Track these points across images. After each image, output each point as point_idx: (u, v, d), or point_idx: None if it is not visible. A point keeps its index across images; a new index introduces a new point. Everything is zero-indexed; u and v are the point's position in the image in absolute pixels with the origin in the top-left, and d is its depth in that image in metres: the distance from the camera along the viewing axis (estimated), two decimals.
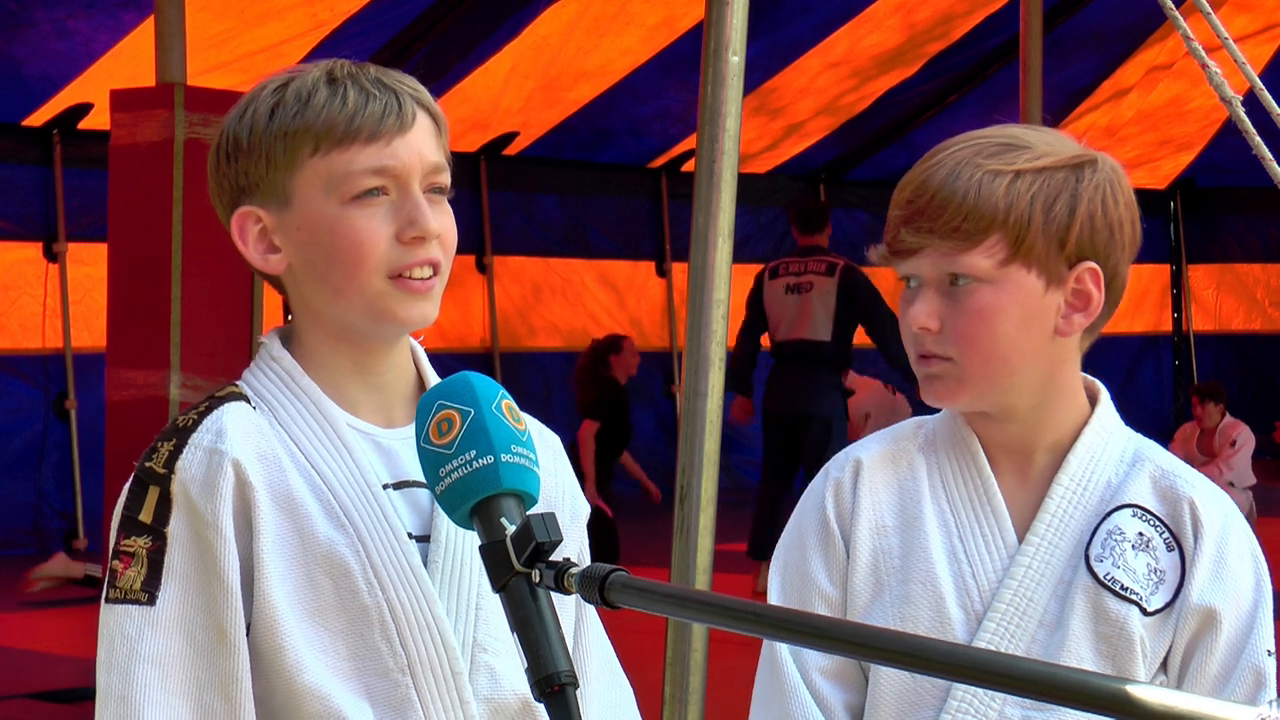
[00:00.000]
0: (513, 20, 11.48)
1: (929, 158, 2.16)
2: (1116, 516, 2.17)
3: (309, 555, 1.95)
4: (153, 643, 1.92)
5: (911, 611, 2.17)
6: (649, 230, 14.41)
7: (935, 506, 2.21)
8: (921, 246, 2.13)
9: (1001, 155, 2.12)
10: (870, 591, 2.21)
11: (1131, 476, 2.19)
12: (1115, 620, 2.13)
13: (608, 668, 2.17)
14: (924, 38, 13.09)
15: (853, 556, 2.22)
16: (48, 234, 11.40)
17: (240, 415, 1.98)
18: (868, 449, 2.27)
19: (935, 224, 2.11)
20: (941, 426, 2.26)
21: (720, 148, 3.46)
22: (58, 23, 10.16)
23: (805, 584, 2.24)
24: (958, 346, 2.13)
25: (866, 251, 2.27)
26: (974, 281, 2.11)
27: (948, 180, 2.11)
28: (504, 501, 1.66)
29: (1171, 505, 2.18)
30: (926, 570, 2.18)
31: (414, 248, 1.97)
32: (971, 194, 2.10)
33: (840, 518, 2.24)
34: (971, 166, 2.11)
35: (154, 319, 6.26)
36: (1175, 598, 2.16)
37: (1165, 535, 2.17)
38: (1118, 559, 2.15)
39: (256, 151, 1.99)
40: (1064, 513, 2.17)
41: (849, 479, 2.25)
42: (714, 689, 3.58)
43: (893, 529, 2.22)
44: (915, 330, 2.14)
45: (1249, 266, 17.24)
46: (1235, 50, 3.41)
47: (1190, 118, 14.89)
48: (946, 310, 2.13)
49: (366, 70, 2.01)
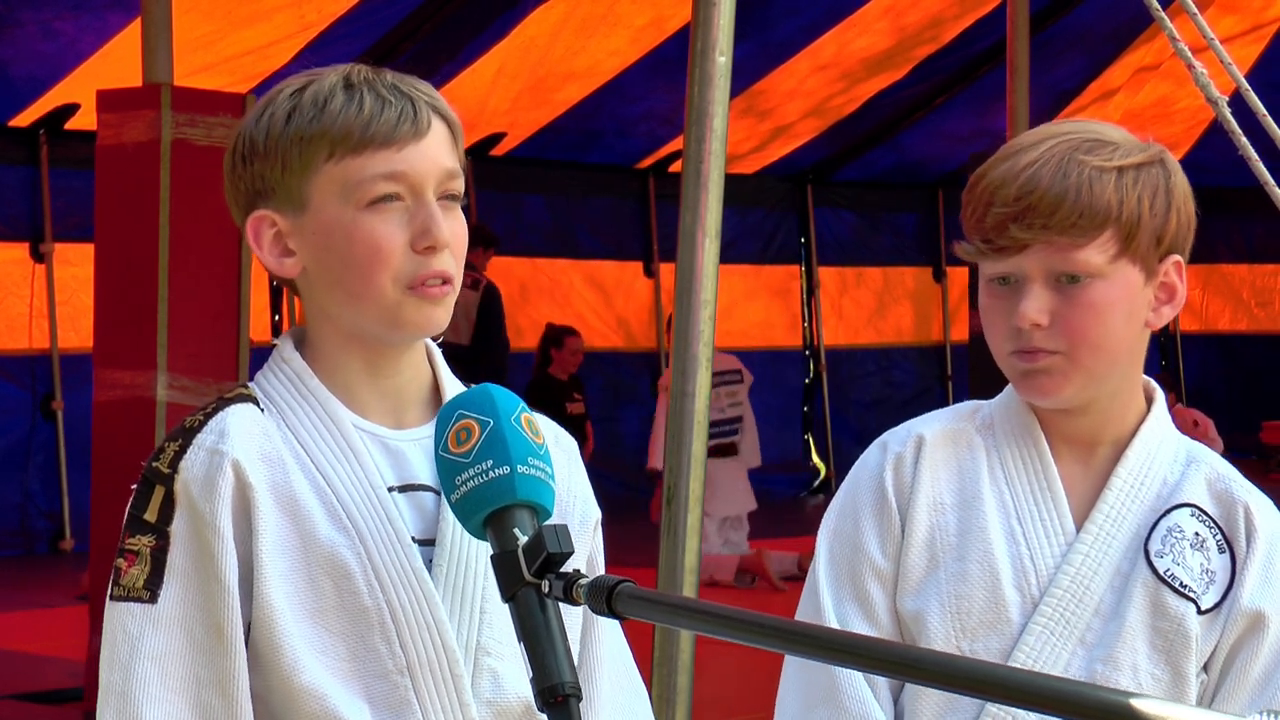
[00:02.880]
0: (500, 21, 11.48)
1: (1019, 154, 2.17)
2: (1176, 514, 2.20)
3: (310, 556, 1.97)
4: (154, 640, 1.95)
5: (967, 589, 2.18)
6: (636, 231, 14.41)
7: (994, 488, 2.23)
8: (1031, 242, 2.14)
9: (1097, 151, 2.16)
10: (924, 568, 2.22)
11: (1188, 476, 2.23)
12: (1174, 616, 2.16)
13: (623, 675, 2.17)
14: (913, 41, 13.10)
15: (908, 531, 2.23)
16: (34, 234, 11.39)
17: (245, 417, 2.00)
18: (929, 425, 2.28)
19: (1050, 220, 2.13)
20: (1002, 411, 2.27)
21: (707, 148, 3.46)
22: (44, 24, 10.15)
23: (857, 554, 2.24)
24: (1070, 341, 2.15)
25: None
26: (1088, 277, 2.14)
27: (1058, 176, 2.13)
28: (518, 512, 1.67)
29: (1226, 508, 2.22)
30: (984, 550, 2.19)
31: (427, 258, 1.98)
32: (1084, 190, 2.13)
33: (899, 491, 2.24)
34: (1076, 163, 2.14)
35: (141, 319, 6.25)
36: (1224, 599, 2.19)
37: (1219, 537, 2.21)
38: (1178, 556, 2.18)
39: (272, 155, 2.01)
40: (1122, 505, 2.20)
41: (910, 454, 2.26)
42: (701, 689, 3.58)
43: (950, 507, 2.23)
44: (1024, 326, 2.15)
45: (1235, 267, 17.27)
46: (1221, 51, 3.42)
47: (1177, 118, 14.91)
48: (1057, 305, 2.15)
49: (383, 76, 2.03)
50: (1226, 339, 17.40)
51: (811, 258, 15.32)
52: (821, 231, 15.40)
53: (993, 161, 2.20)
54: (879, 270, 15.79)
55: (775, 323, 15.06)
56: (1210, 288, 17.44)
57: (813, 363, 15.41)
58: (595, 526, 2.15)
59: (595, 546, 2.16)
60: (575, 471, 2.15)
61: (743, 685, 5.74)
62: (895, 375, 15.91)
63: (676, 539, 3.45)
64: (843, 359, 15.53)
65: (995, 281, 2.18)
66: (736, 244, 13.83)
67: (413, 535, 2.00)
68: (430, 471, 2.02)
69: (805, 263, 15.37)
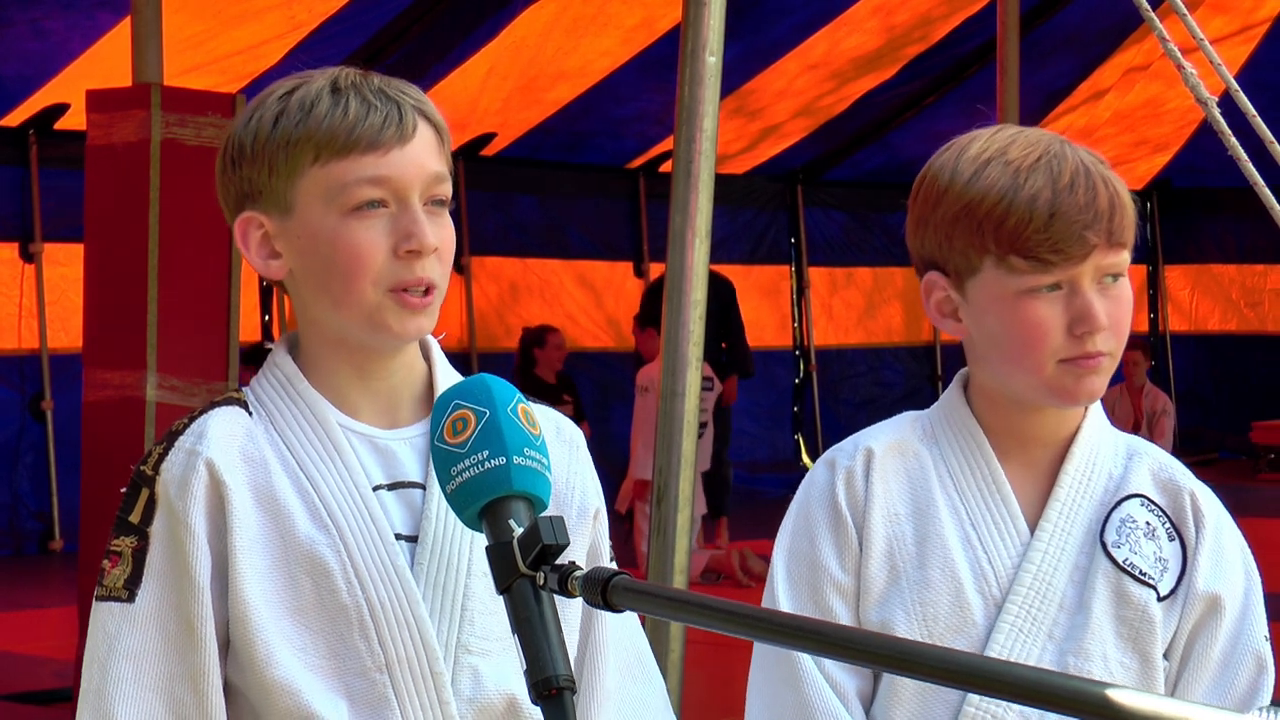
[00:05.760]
0: (491, 21, 11.48)
1: (1041, 164, 2.18)
2: (1127, 505, 2.24)
3: (290, 555, 2.00)
4: (130, 638, 1.99)
5: (931, 597, 2.21)
6: (627, 231, 14.42)
7: (945, 495, 2.25)
8: (1095, 247, 2.16)
9: (1098, 161, 2.22)
10: (886, 578, 2.24)
11: (1132, 469, 2.26)
12: (1137, 604, 2.20)
13: (635, 664, 2.18)
14: (902, 40, 13.11)
15: (866, 544, 2.24)
16: (24, 234, 11.37)
17: (227, 419, 2.03)
18: (876, 438, 2.29)
19: (1111, 223, 2.17)
20: (943, 419, 2.29)
21: (697, 148, 3.46)
22: (34, 23, 10.14)
23: (815, 571, 2.26)
24: (1118, 340, 2.20)
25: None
26: (1123, 276, 2.20)
27: (1101, 182, 2.18)
28: (513, 503, 1.66)
29: (1173, 497, 2.26)
30: (944, 556, 2.22)
31: (410, 263, 2.00)
32: (1120, 193, 2.20)
33: (852, 506, 2.26)
34: (1101, 172, 2.20)
35: (131, 319, 6.24)
36: (1178, 585, 2.22)
37: (1168, 525, 2.25)
38: (1134, 545, 2.22)
39: (260, 159, 2.03)
40: (1074, 501, 2.23)
41: (860, 467, 2.27)
42: (690, 689, 3.58)
43: (906, 516, 2.25)
44: (1097, 331, 2.16)
45: (1224, 267, 17.29)
46: (1211, 52, 3.43)
47: (1167, 119, 14.93)
48: (1106, 307, 2.19)
49: (370, 80, 2.04)
50: (1216, 339, 17.42)
51: (801, 258, 15.33)
52: (811, 231, 15.41)
53: (1011, 173, 2.18)
54: (869, 270, 15.80)
55: (765, 323, 15.06)
56: (1200, 288, 17.46)
57: (803, 363, 15.42)
58: (595, 515, 2.16)
59: (599, 535, 2.17)
60: (578, 460, 2.16)
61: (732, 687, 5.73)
62: (885, 375, 15.92)
63: (667, 538, 3.45)
64: (833, 359, 15.54)
65: (1042, 290, 2.17)
66: (726, 244, 13.85)
67: (402, 533, 2.02)
68: (421, 469, 2.04)
69: (795, 263, 15.38)
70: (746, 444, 14.38)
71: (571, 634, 2.11)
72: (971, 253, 2.18)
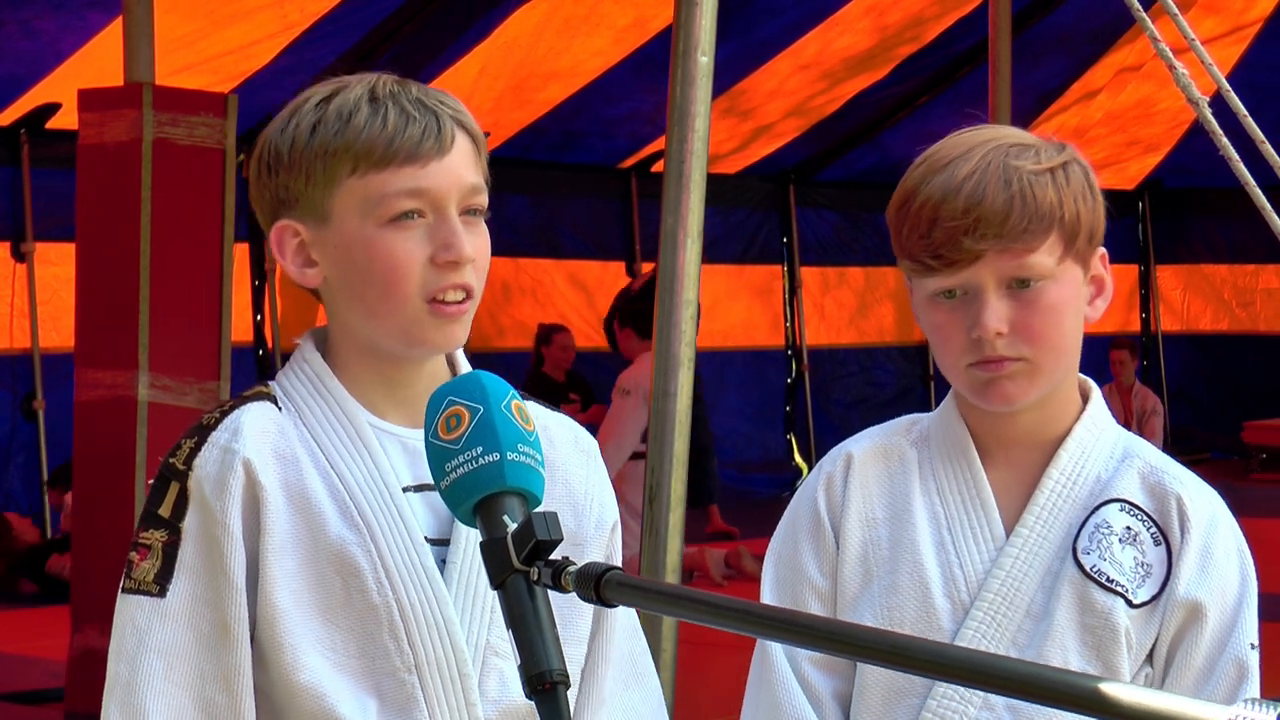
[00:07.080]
0: (483, 21, 11.48)
1: (950, 165, 2.18)
2: (1104, 511, 2.21)
3: (320, 554, 2.00)
4: (161, 634, 1.98)
5: (898, 601, 2.21)
6: (619, 231, 14.41)
7: (925, 500, 2.25)
8: (983, 253, 2.14)
9: (1024, 155, 2.18)
10: (859, 583, 2.25)
11: (1120, 472, 2.24)
12: (1100, 612, 2.18)
13: (630, 670, 2.18)
14: (894, 40, 13.11)
15: (842, 548, 2.26)
16: (15, 234, 11.36)
17: (260, 415, 2.03)
18: (859, 443, 2.31)
19: (1003, 228, 2.14)
20: (937, 424, 2.30)
21: (689, 148, 3.47)
22: (24, 23, 10.12)
23: (796, 576, 2.28)
24: (1032, 346, 2.17)
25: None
26: (1039, 280, 2.16)
27: (1000, 184, 2.15)
28: (507, 499, 1.67)
29: (1159, 501, 2.23)
30: (914, 561, 2.22)
31: (447, 271, 2.00)
32: (1029, 195, 2.15)
33: (831, 510, 2.28)
34: (1011, 169, 2.16)
35: (122, 319, 6.24)
36: (1161, 591, 2.20)
37: (1152, 530, 2.22)
38: (1104, 552, 2.20)
39: (297, 167, 2.02)
40: (1053, 506, 2.22)
41: (840, 472, 2.29)
42: (682, 686, 3.58)
43: (882, 521, 2.26)
44: (988, 337, 2.16)
45: (1216, 267, 17.31)
46: (1203, 52, 3.43)
47: (1158, 119, 14.94)
48: (1012, 312, 2.16)
49: (409, 89, 2.03)
50: (1208, 339, 17.43)
51: (794, 257, 15.33)
52: (803, 231, 15.40)
53: (921, 175, 2.20)
54: (861, 270, 15.80)
55: (757, 323, 15.06)
56: (1191, 288, 17.47)
57: (795, 362, 15.42)
58: (613, 528, 2.18)
59: (613, 548, 2.18)
60: (594, 472, 2.17)
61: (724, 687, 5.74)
62: (877, 375, 15.93)
63: (659, 538, 3.46)
64: (825, 359, 15.53)
65: (941, 296, 2.19)
66: (718, 244, 13.84)
67: (427, 535, 2.03)
68: None
69: (787, 262, 15.37)
70: (738, 444, 14.39)
71: (580, 646, 2.12)
72: (900, 256, 2.22)
